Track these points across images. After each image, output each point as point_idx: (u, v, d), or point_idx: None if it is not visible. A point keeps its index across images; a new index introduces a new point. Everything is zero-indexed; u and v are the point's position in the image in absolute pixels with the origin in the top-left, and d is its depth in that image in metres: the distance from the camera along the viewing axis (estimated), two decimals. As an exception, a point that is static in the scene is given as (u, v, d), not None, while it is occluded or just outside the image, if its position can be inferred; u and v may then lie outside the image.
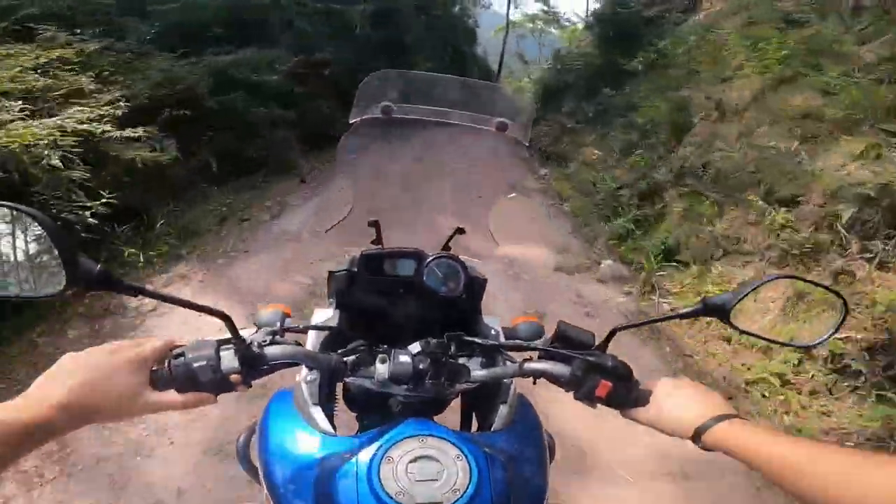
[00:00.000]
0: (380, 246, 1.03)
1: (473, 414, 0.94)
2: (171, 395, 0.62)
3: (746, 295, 0.69)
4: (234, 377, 0.65)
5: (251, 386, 0.68)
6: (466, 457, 0.63)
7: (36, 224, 0.56)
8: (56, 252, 0.55)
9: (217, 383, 0.65)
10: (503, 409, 0.78)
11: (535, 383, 0.77)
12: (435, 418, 0.77)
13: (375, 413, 0.82)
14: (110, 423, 0.54)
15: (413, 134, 1.24)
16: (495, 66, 23.39)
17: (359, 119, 1.08)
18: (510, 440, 0.73)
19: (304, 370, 0.78)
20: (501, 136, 1.04)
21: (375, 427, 0.69)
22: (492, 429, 0.76)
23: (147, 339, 0.64)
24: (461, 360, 0.78)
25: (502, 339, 0.89)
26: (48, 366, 0.57)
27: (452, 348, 0.76)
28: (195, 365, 0.63)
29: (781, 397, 2.55)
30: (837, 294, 0.74)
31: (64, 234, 0.56)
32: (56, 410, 0.52)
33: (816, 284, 0.79)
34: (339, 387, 0.88)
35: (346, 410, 0.92)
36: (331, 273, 0.94)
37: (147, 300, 3.08)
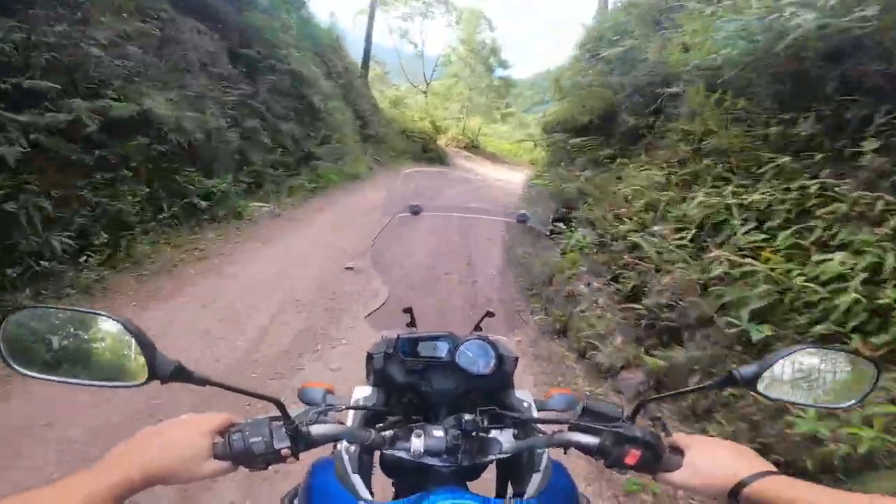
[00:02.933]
0: (414, 329, 1.09)
1: (509, 481, 0.94)
2: (228, 464, 0.70)
3: (772, 365, 0.71)
4: (284, 451, 0.72)
5: (298, 458, 0.74)
6: None
7: (123, 329, 0.66)
8: (140, 352, 0.65)
9: (269, 457, 0.71)
10: (536, 477, 0.80)
11: (565, 453, 0.80)
12: (474, 484, 0.78)
13: (411, 480, 0.85)
14: (176, 485, 0.65)
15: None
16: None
17: (392, 217, 1.21)
18: None
19: (345, 442, 0.83)
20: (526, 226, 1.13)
21: (410, 494, 0.72)
22: (524, 496, 0.78)
23: (209, 414, 0.72)
24: (494, 433, 0.82)
25: (534, 412, 0.93)
26: None
27: (485, 422, 0.80)
28: (251, 440, 0.70)
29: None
30: (870, 359, 0.76)
31: (148, 338, 0.66)
32: (135, 473, 0.60)
33: (848, 352, 0.80)
34: (377, 454, 0.92)
35: (382, 476, 0.95)
36: (369, 354, 1.00)
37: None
